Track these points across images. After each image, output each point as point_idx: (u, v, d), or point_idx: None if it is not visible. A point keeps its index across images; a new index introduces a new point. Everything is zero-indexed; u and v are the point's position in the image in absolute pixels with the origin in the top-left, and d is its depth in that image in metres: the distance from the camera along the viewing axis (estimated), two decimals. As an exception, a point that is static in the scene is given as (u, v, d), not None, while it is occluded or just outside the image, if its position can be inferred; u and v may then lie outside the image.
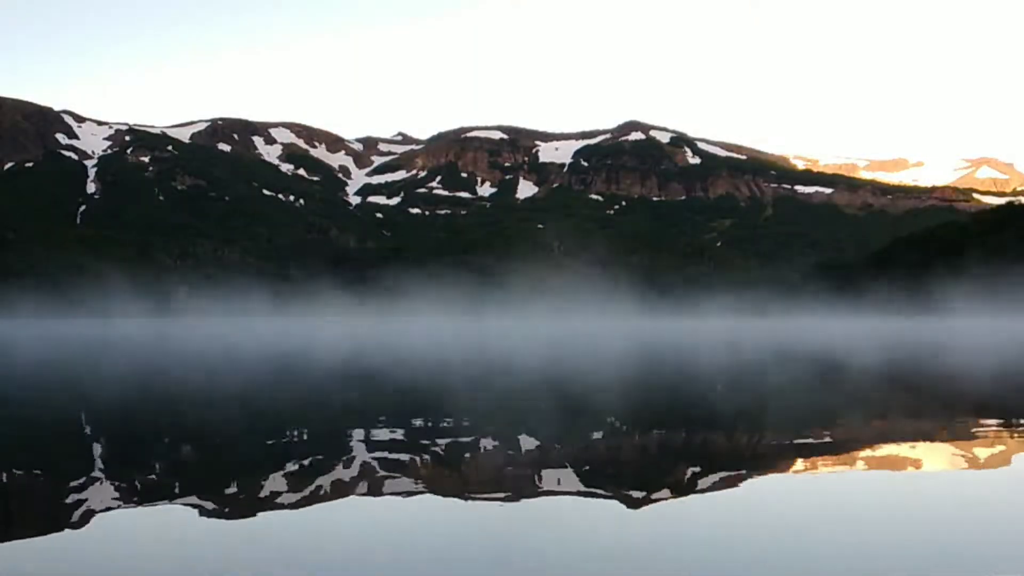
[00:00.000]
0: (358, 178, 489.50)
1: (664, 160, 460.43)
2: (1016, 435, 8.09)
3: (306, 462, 6.41)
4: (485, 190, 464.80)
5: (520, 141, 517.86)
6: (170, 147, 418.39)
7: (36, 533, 4.48)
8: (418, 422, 9.03)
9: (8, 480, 6.16)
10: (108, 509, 4.94)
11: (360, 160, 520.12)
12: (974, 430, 8.46)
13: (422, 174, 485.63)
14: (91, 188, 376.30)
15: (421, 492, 5.52)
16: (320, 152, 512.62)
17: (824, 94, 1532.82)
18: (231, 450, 7.40)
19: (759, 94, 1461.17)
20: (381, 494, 5.44)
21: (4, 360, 23.97)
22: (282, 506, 5.12)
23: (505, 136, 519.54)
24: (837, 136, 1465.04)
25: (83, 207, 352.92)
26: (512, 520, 4.76)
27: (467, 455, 6.78)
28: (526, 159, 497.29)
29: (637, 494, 5.37)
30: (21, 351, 29.63)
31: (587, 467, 6.28)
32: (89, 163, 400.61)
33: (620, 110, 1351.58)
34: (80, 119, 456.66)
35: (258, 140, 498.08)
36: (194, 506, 5.11)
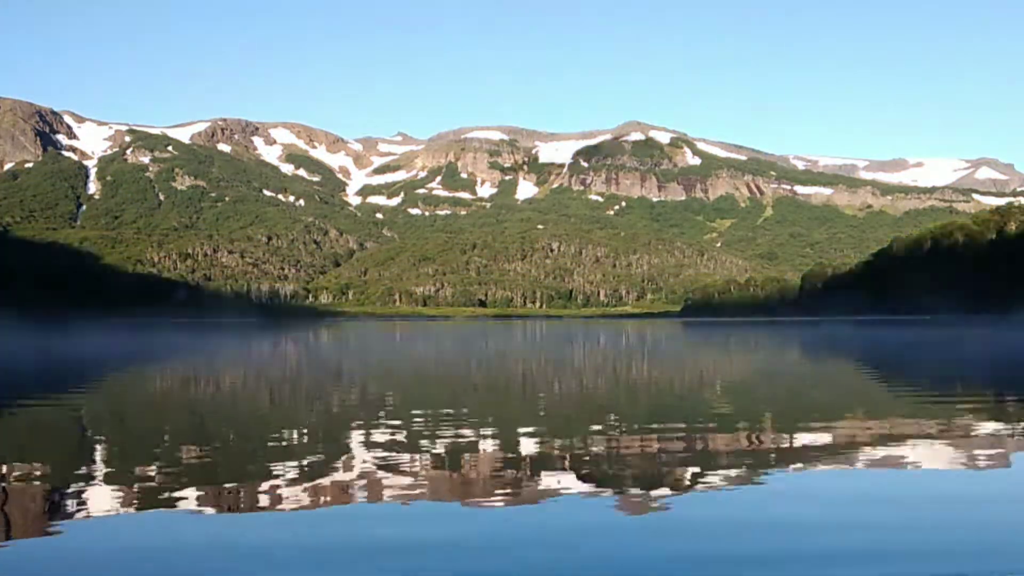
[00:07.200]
0: (358, 178, 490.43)
1: (664, 160, 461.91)
2: None
3: (305, 461, 6.38)
4: (485, 190, 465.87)
5: (520, 141, 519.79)
6: (170, 147, 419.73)
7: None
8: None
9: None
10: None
11: (360, 160, 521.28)
12: None
13: (422, 174, 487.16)
14: (91, 188, 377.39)
15: (421, 492, 5.44)
16: (320, 152, 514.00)
17: (824, 94, 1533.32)
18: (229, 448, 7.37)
19: (759, 94, 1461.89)
20: (380, 494, 5.38)
21: None
22: (282, 505, 5.09)
23: (505, 136, 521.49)
24: (837, 136, 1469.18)
25: (83, 207, 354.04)
26: (512, 520, 4.71)
27: (467, 455, 6.76)
28: (526, 159, 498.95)
29: (637, 494, 5.30)
30: None
31: (587, 467, 6.26)
32: (89, 163, 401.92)
33: (620, 110, 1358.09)
34: (80, 119, 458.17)
35: (258, 140, 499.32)
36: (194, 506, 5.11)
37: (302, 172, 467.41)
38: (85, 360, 23.69)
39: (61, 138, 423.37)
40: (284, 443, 7.55)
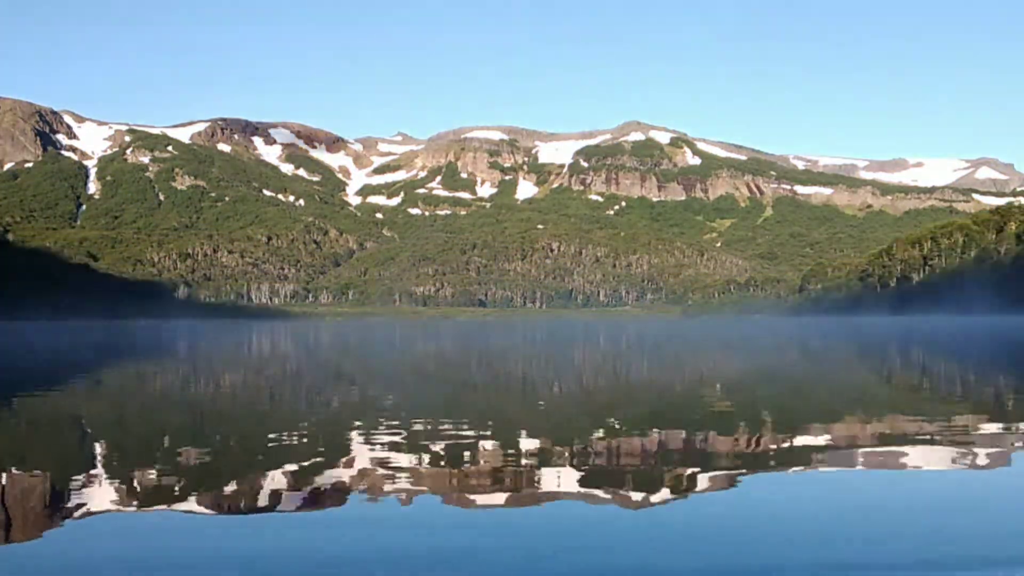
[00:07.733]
0: (358, 178, 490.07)
1: (664, 160, 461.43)
2: None
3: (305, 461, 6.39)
4: (485, 190, 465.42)
5: (520, 141, 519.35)
6: (170, 147, 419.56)
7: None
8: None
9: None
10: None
11: (360, 160, 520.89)
12: None
13: (422, 174, 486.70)
14: (91, 188, 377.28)
15: (421, 492, 5.46)
16: (320, 152, 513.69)
17: (824, 94, 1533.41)
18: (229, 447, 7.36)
19: (759, 94, 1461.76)
20: (379, 492, 5.39)
21: None
22: (281, 506, 5.10)
23: (505, 136, 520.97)
24: (837, 136, 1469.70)
25: (83, 207, 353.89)
26: (513, 520, 4.72)
27: (467, 455, 6.78)
28: (526, 159, 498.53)
29: (637, 494, 5.32)
30: None
31: (587, 466, 6.29)
32: (89, 163, 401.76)
33: (620, 110, 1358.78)
34: (80, 119, 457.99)
35: (258, 140, 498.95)
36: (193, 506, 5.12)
37: (302, 172, 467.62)
38: (82, 359, 23.70)
39: (61, 138, 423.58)
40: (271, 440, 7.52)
